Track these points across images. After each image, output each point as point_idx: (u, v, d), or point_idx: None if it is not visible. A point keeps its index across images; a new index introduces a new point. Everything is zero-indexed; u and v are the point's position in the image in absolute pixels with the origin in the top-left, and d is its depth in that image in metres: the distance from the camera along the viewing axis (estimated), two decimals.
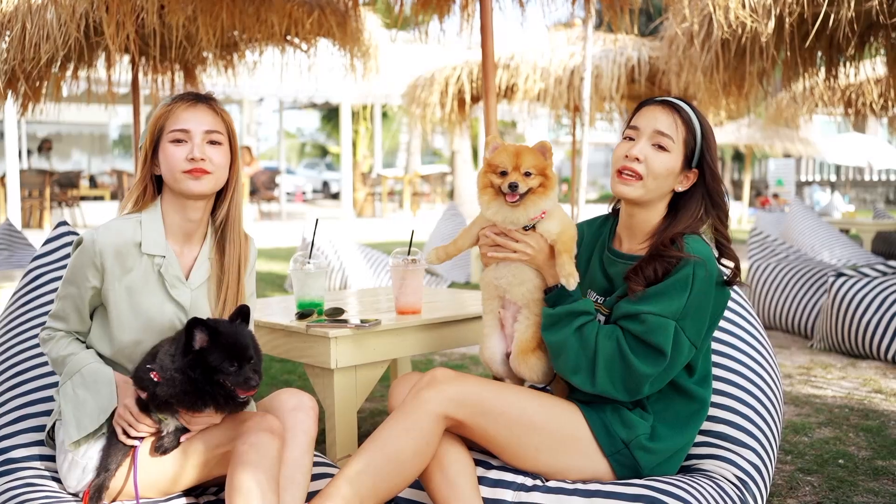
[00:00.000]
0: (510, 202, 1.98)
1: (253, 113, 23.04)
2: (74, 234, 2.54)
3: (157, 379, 1.88)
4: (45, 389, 2.26)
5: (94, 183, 17.71)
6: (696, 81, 5.41)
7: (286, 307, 2.84)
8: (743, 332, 2.34)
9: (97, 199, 16.42)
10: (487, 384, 2.02)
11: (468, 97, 8.22)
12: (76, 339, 2.03)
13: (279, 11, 4.67)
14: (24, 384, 2.27)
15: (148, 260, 1.99)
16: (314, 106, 22.85)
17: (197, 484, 2.01)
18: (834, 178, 22.08)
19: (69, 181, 15.10)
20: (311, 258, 2.58)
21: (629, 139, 2.04)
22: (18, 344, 2.35)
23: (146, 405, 1.93)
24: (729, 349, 2.30)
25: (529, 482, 1.99)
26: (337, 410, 2.42)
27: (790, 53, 5.36)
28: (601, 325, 1.98)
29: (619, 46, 7.59)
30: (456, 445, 2.00)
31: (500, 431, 1.96)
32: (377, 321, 2.44)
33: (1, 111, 11.01)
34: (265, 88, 14.71)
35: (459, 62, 8.20)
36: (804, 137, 16.74)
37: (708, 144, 2.02)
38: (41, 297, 2.42)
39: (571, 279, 1.96)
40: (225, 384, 1.85)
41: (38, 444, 2.15)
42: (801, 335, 5.43)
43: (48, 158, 17.17)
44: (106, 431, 1.96)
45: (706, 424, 2.18)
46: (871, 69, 7.06)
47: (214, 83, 6.26)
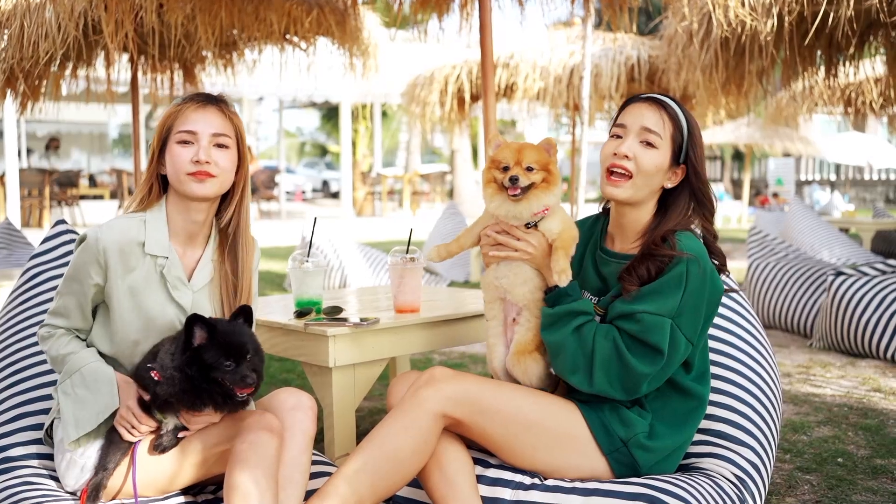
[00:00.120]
0: (511, 196, 1.99)
1: (252, 112, 23.04)
2: (73, 232, 2.53)
3: (157, 378, 1.87)
4: (43, 388, 2.26)
5: (93, 182, 17.73)
6: (695, 80, 5.40)
7: (285, 306, 2.83)
8: (742, 330, 2.34)
9: (97, 198, 16.42)
10: (486, 383, 2.02)
11: (468, 96, 8.22)
12: (76, 336, 2.02)
13: (278, 10, 4.67)
14: (22, 382, 2.27)
15: (151, 260, 1.99)
16: (314, 105, 22.85)
17: (195, 482, 2.01)
18: (834, 177, 22.08)
19: (69, 180, 15.10)
20: (309, 257, 2.57)
21: (616, 137, 2.04)
22: (16, 343, 2.34)
23: (147, 406, 1.92)
24: (728, 348, 2.30)
25: (528, 481, 1.98)
26: (335, 409, 2.41)
27: (790, 52, 5.36)
28: (599, 325, 1.98)
29: (618, 45, 7.59)
30: (454, 444, 2.00)
31: (497, 430, 1.96)
32: (376, 319, 2.44)
33: (0, 110, 11.00)
34: (265, 87, 14.70)
35: (459, 61, 8.19)
36: (804, 137, 16.74)
37: (694, 140, 2.02)
38: (39, 295, 2.41)
39: (563, 276, 1.96)
40: (223, 382, 1.85)
41: (36, 442, 2.14)
42: (800, 334, 5.43)
43: (56, 157, 17.20)
44: (104, 431, 1.96)
45: (705, 423, 2.18)
46: (870, 68, 7.06)
47: (214, 82, 6.24)
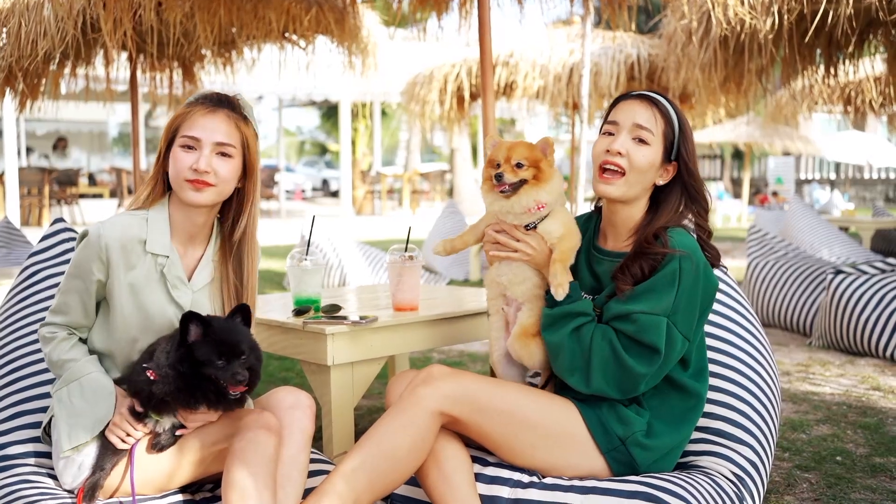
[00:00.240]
0: (499, 192, 2.04)
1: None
2: (71, 230, 2.53)
3: (153, 377, 1.87)
4: (41, 386, 2.25)
5: (93, 181, 17.73)
6: (694, 79, 5.40)
7: (284, 304, 2.83)
8: (740, 328, 2.34)
9: (96, 196, 16.41)
10: (484, 381, 2.02)
11: (467, 94, 8.21)
12: (78, 340, 2.01)
13: (277, 8, 4.66)
14: (20, 381, 2.26)
15: (151, 259, 1.98)
16: (313, 103, 22.86)
17: (193, 481, 2.01)
18: (833, 176, 22.07)
19: (68, 179, 15.10)
20: (307, 255, 2.56)
21: (608, 134, 2.04)
22: (15, 341, 2.34)
23: (139, 415, 1.92)
24: (726, 346, 2.30)
25: (526, 479, 1.98)
26: (334, 407, 2.41)
27: (789, 50, 5.35)
28: (598, 325, 1.98)
29: (618, 44, 7.58)
30: (452, 442, 2.00)
31: (495, 428, 1.96)
32: (374, 318, 2.44)
33: None
34: (264, 86, 14.69)
35: (458, 59, 8.18)
36: (804, 135, 16.74)
37: (685, 137, 2.02)
38: (38, 293, 2.41)
39: (560, 290, 1.98)
40: (215, 379, 1.84)
41: (34, 440, 2.14)
42: (799, 332, 5.43)
43: (64, 157, 17.20)
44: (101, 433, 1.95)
45: (703, 421, 2.18)
46: (870, 67, 7.05)
47: (213, 81, 6.23)
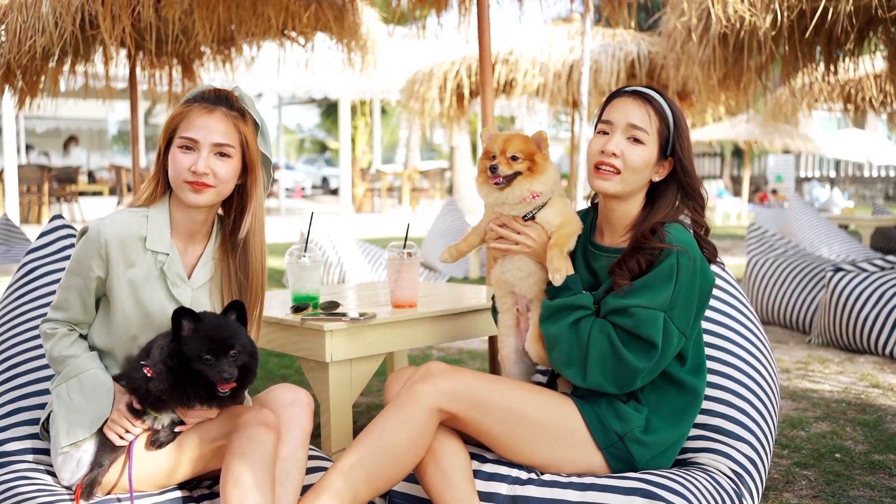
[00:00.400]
0: (493, 183, 2.05)
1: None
2: (69, 227, 2.53)
3: (150, 374, 1.87)
4: (40, 383, 2.25)
5: (92, 178, 17.72)
6: (694, 76, 5.39)
7: (283, 301, 2.82)
8: (739, 325, 2.34)
9: (96, 194, 16.41)
10: (482, 378, 2.01)
11: (467, 92, 8.18)
12: (79, 337, 2.01)
13: (276, 5, 4.65)
14: (18, 377, 2.26)
15: (151, 256, 1.98)
16: (313, 101, 22.85)
17: (192, 477, 2.01)
18: (833, 174, 22.07)
19: (68, 177, 15.09)
20: (306, 251, 2.56)
21: (603, 133, 2.03)
22: (13, 337, 2.34)
23: (137, 412, 1.92)
24: (725, 343, 2.30)
25: (524, 476, 1.98)
26: (332, 404, 2.41)
27: (789, 48, 5.35)
28: (596, 319, 1.98)
29: (617, 41, 7.56)
30: (451, 439, 2.00)
31: (494, 425, 1.96)
32: (373, 315, 2.44)
33: None
34: (263, 84, 14.67)
35: (458, 57, 8.16)
36: (803, 133, 16.73)
37: (680, 133, 2.01)
38: (36, 290, 2.41)
39: (557, 275, 1.98)
40: (206, 376, 1.84)
41: (32, 437, 2.14)
42: (799, 330, 5.43)
43: (69, 155, 17.22)
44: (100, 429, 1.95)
45: (701, 417, 2.18)
46: (870, 64, 7.04)
47: (212, 78, 6.22)
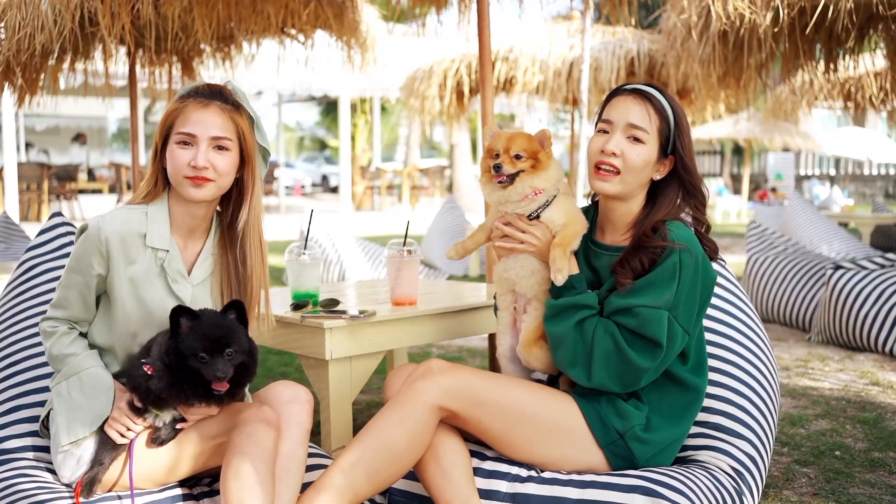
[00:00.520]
0: (497, 182, 2.04)
1: (251, 106, 23.00)
2: (69, 225, 2.52)
3: (150, 372, 1.87)
4: (39, 380, 2.25)
5: (92, 176, 17.74)
6: (694, 74, 5.38)
7: (282, 298, 2.82)
8: (740, 323, 2.34)
9: (95, 192, 16.42)
10: (482, 375, 2.01)
11: (466, 90, 8.18)
12: (79, 335, 2.01)
13: (275, 2, 4.63)
14: (18, 374, 2.26)
15: (151, 253, 1.98)
16: (313, 99, 22.84)
17: (192, 475, 2.01)
18: (833, 172, 22.07)
19: (67, 174, 15.10)
20: (306, 249, 2.56)
21: (603, 132, 2.03)
22: (13, 335, 2.34)
23: (138, 410, 1.92)
24: (725, 341, 2.30)
25: (524, 473, 1.98)
26: (332, 402, 2.41)
27: (789, 46, 5.34)
28: (600, 319, 1.98)
29: (617, 39, 7.55)
30: (451, 436, 2.00)
31: (494, 422, 1.96)
32: (373, 312, 2.44)
33: None
34: (263, 81, 14.66)
35: (457, 55, 8.16)
36: (803, 131, 16.72)
37: (681, 131, 2.01)
38: (35, 287, 2.41)
39: (559, 275, 1.97)
40: (202, 374, 1.84)
41: (32, 434, 2.14)
42: (799, 328, 5.43)
43: (82, 151, 17.25)
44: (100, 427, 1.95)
45: (702, 415, 2.18)
46: (870, 62, 7.03)
47: (212, 76, 6.21)
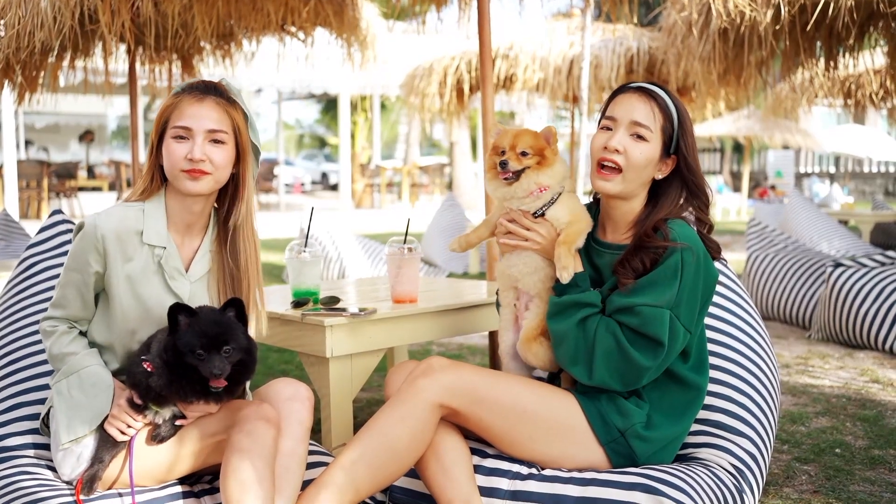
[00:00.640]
0: (503, 178, 2.04)
1: (251, 104, 23.00)
2: (69, 222, 2.52)
3: (150, 369, 1.87)
4: (40, 378, 2.25)
5: (92, 174, 17.73)
6: (694, 71, 5.38)
7: (283, 296, 2.82)
8: (740, 321, 2.34)
9: (95, 189, 16.42)
10: (483, 373, 2.01)
11: (467, 87, 8.17)
12: (79, 334, 2.01)
13: (275, 0, 4.63)
14: (19, 372, 2.26)
15: (149, 250, 1.98)
16: (312, 96, 22.82)
17: (192, 472, 2.01)
18: (833, 169, 22.06)
19: (67, 172, 15.10)
20: (306, 246, 2.56)
21: (606, 129, 2.02)
22: (13, 332, 2.34)
23: (138, 407, 1.92)
24: (726, 338, 2.30)
25: (525, 471, 1.98)
26: (332, 399, 2.41)
27: (789, 43, 5.33)
28: (602, 318, 1.98)
29: (618, 36, 7.54)
30: (452, 434, 2.00)
31: (495, 420, 1.96)
32: (373, 310, 2.43)
33: None
34: (263, 79, 14.67)
35: (458, 52, 8.15)
36: (803, 129, 16.70)
37: (684, 130, 2.01)
38: (36, 285, 2.40)
39: (564, 273, 1.97)
40: (200, 371, 1.84)
41: (32, 432, 2.14)
42: (799, 325, 5.43)
43: (90, 149, 17.29)
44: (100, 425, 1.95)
45: (703, 413, 2.18)
46: (870, 60, 7.03)
47: (212, 73, 6.21)
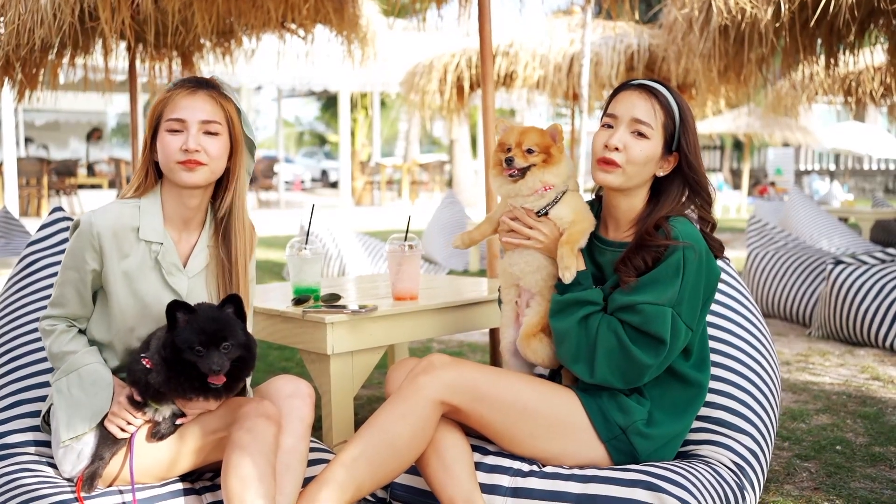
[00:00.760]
0: (507, 175, 2.04)
1: (251, 101, 22.99)
2: (69, 219, 2.52)
3: (149, 366, 1.87)
4: (40, 375, 2.25)
5: (91, 171, 17.73)
6: (695, 69, 5.37)
7: (283, 293, 2.82)
8: (741, 318, 2.34)
9: (95, 187, 16.41)
10: (484, 370, 2.02)
11: (467, 85, 8.16)
12: (78, 332, 2.01)
13: None
14: (19, 369, 2.26)
15: (145, 246, 1.98)
16: (312, 94, 22.80)
17: (193, 469, 2.01)
18: (833, 167, 22.05)
19: (67, 169, 15.10)
20: (307, 244, 2.56)
21: (607, 126, 2.02)
22: (14, 330, 2.34)
23: (137, 403, 1.92)
24: (727, 336, 2.30)
25: (526, 468, 1.99)
26: (333, 396, 2.41)
27: (790, 40, 5.32)
28: (604, 316, 1.98)
29: (618, 33, 7.54)
30: (453, 431, 2.00)
31: (495, 417, 1.96)
32: (374, 307, 2.43)
33: None
34: (263, 76, 14.66)
35: (458, 49, 8.15)
36: (803, 126, 16.69)
37: (686, 128, 2.00)
38: (36, 282, 2.41)
39: (566, 272, 1.97)
40: (198, 367, 1.84)
41: (33, 429, 2.14)
42: (799, 323, 5.43)
43: (99, 147, 17.28)
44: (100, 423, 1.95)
45: (703, 410, 2.18)
46: (870, 57, 7.02)
47: (212, 70, 6.20)
